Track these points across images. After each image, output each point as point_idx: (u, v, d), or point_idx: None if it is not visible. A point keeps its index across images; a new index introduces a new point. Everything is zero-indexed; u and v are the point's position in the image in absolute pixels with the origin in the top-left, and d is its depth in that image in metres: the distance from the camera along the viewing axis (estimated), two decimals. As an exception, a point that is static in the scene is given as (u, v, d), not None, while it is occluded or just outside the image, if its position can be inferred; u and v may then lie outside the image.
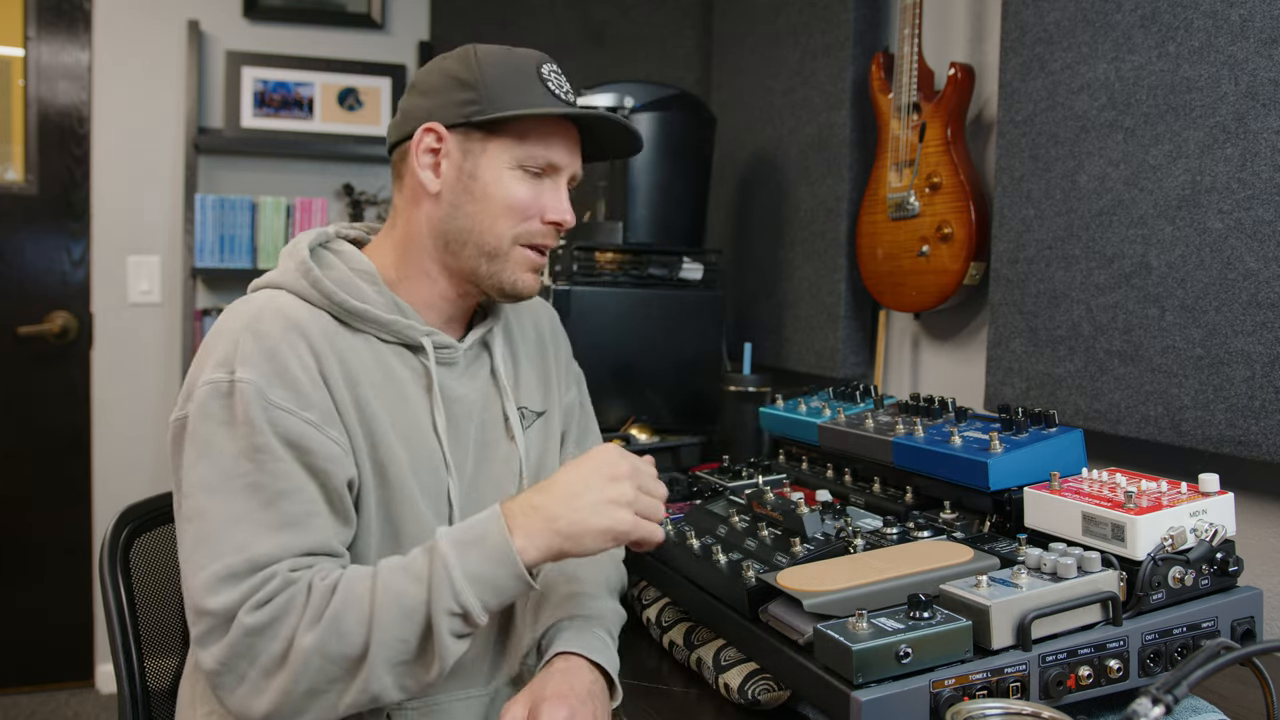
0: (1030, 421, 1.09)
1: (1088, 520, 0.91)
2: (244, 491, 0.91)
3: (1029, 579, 0.83)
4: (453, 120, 1.05)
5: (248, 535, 0.89)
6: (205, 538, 0.90)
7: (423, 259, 1.09)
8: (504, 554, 0.90)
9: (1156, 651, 0.85)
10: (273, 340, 0.96)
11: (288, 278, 1.04)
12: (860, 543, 0.99)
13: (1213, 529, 0.89)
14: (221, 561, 0.88)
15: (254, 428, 0.92)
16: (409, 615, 0.87)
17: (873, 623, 0.79)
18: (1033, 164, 1.47)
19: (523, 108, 1.05)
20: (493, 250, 1.07)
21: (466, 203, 1.07)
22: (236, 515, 0.90)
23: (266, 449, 0.92)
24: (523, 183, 1.07)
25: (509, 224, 1.07)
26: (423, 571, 0.89)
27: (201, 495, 0.91)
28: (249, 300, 1.02)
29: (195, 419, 0.93)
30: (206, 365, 0.96)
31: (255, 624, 0.86)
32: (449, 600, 0.87)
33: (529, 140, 1.06)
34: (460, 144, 1.06)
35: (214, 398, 0.93)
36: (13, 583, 2.79)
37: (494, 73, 1.06)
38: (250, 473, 0.91)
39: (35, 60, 2.76)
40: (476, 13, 2.94)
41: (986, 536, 1.01)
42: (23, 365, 2.78)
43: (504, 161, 1.06)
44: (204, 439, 0.92)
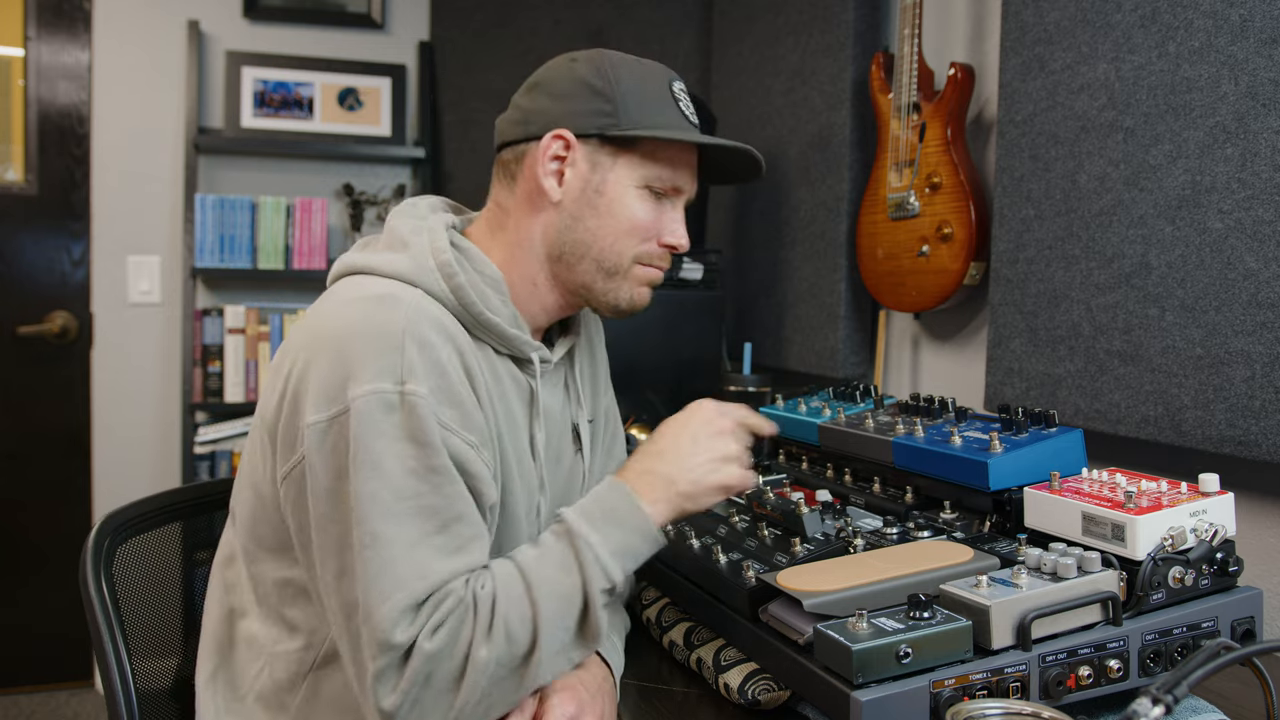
0: (1030, 421, 1.09)
1: (1088, 520, 0.91)
2: (420, 514, 0.87)
3: (1029, 579, 0.83)
4: (584, 130, 1.02)
5: (428, 562, 0.86)
6: (386, 565, 0.84)
7: (531, 266, 1.06)
8: (641, 524, 0.93)
9: (1156, 651, 0.85)
10: (438, 352, 0.90)
11: (426, 277, 0.96)
12: (860, 543, 0.99)
13: (1213, 529, 0.89)
14: (406, 591, 0.84)
15: (431, 447, 0.87)
16: (569, 602, 0.89)
17: (873, 623, 0.79)
18: (1033, 164, 1.47)
19: (656, 127, 1.03)
20: (612, 267, 1.05)
21: (589, 216, 1.04)
22: (414, 540, 0.86)
23: (442, 470, 0.88)
24: (646, 202, 1.05)
25: (631, 243, 1.05)
26: (568, 557, 0.90)
27: (378, 519, 0.85)
28: (394, 299, 0.92)
29: (361, 432, 0.86)
30: (363, 369, 0.88)
31: (434, 649, 0.83)
32: (601, 579, 0.90)
33: (658, 161, 1.04)
34: (589, 155, 1.03)
35: (383, 410, 0.86)
36: (12, 583, 2.79)
37: (629, 86, 1.03)
38: (425, 494, 0.87)
39: (35, 60, 2.76)
40: (476, 13, 2.94)
41: (986, 536, 1.01)
42: (23, 365, 2.78)
43: (632, 179, 1.04)
44: (375, 455, 0.86)
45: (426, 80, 2.99)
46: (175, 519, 1.27)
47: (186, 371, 2.74)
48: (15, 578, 2.79)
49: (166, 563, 1.25)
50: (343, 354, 0.89)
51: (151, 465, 2.86)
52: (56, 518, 2.80)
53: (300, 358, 0.92)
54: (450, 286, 0.97)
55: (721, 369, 2.08)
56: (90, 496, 2.83)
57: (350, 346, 0.89)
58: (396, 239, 1.00)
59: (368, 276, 0.98)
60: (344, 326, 0.90)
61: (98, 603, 1.10)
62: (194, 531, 1.33)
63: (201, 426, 2.77)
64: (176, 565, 1.28)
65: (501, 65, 2.93)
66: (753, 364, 2.02)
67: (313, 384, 0.89)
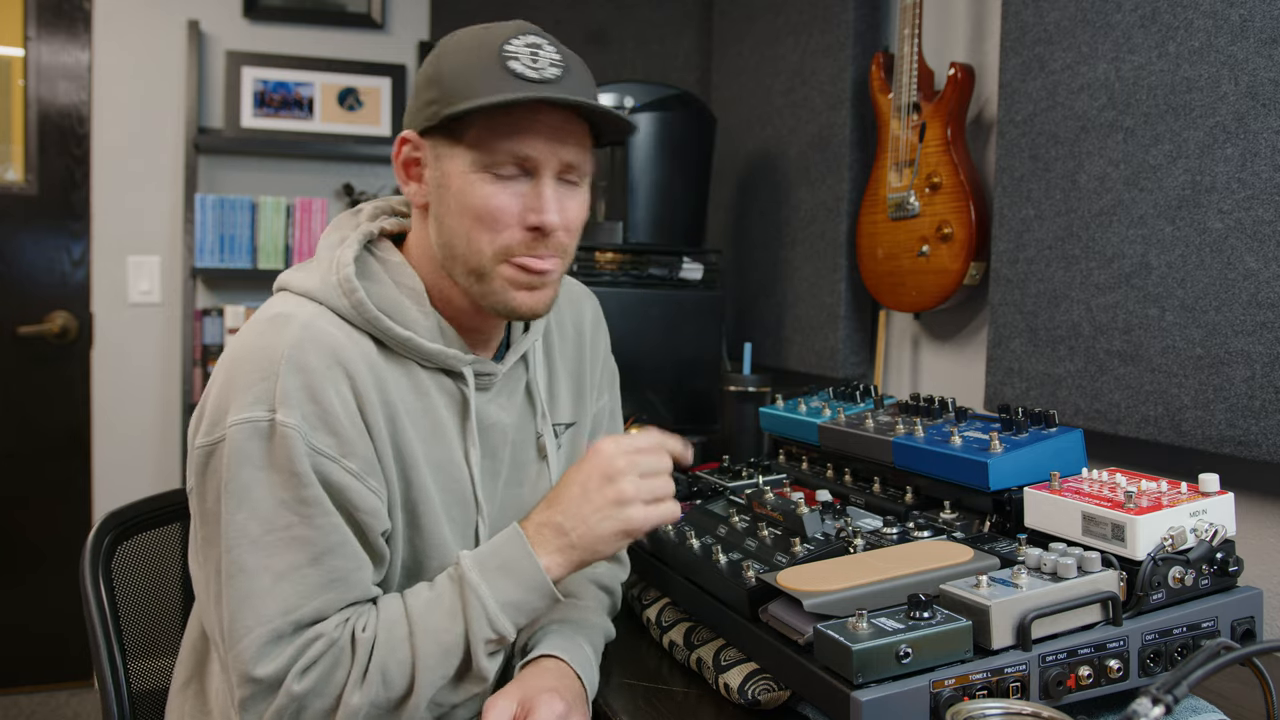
0: (1030, 421, 1.09)
1: (1088, 520, 0.91)
2: (289, 546, 0.85)
3: (1029, 579, 0.83)
4: (423, 124, 0.94)
5: (295, 595, 0.85)
6: (249, 597, 0.84)
7: (438, 274, 1.00)
8: (533, 578, 0.91)
9: (1156, 651, 0.85)
10: (316, 377, 0.87)
11: (330, 294, 0.94)
12: (860, 543, 0.99)
13: (1213, 529, 0.89)
14: (269, 626, 0.84)
15: (299, 479, 0.85)
16: (449, 651, 0.89)
17: (873, 623, 0.79)
18: (1033, 164, 1.47)
19: (475, 97, 0.89)
20: (476, 268, 0.95)
21: (445, 216, 0.95)
22: (281, 572, 0.85)
23: (313, 501, 0.86)
24: (491, 185, 0.92)
25: (484, 237, 0.93)
26: (456, 606, 0.90)
27: (244, 549, 0.85)
28: (286, 319, 0.90)
29: (231, 460, 0.85)
30: (240, 395, 0.87)
31: (304, 690, 0.84)
32: (486, 630, 0.89)
33: (495, 136, 0.91)
34: (433, 149, 0.95)
35: (252, 438, 0.85)
36: (12, 582, 2.79)
37: (454, 62, 0.92)
38: (295, 525, 0.86)
39: (35, 60, 2.76)
40: (476, 13, 2.94)
41: (986, 536, 1.01)
42: (23, 365, 2.78)
43: (468, 164, 0.92)
44: (243, 485, 0.85)
45: (426, 80, 2.98)
46: (176, 519, 1.27)
47: (186, 371, 2.74)
48: (15, 577, 2.79)
49: (167, 563, 1.25)
50: (230, 378, 0.89)
51: (151, 465, 2.86)
52: (56, 518, 2.80)
53: (213, 378, 0.93)
54: (351, 303, 0.93)
55: (721, 369, 2.08)
56: (90, 496, 2.83)
57: (235, 371, 0.89)
58: (320, 249, 0.99)
59: (286, 293, 0.97)
60: (237, 350, 0.91)
61: (94, 602, 1.10)
62: (194, 532, 1.33)
63: (201, 426, 2.76)
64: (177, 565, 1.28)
65: (501, 65, 2.92)
66: (753, 364, 2.02)
67: (207, 407, 0.90)
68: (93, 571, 1.12)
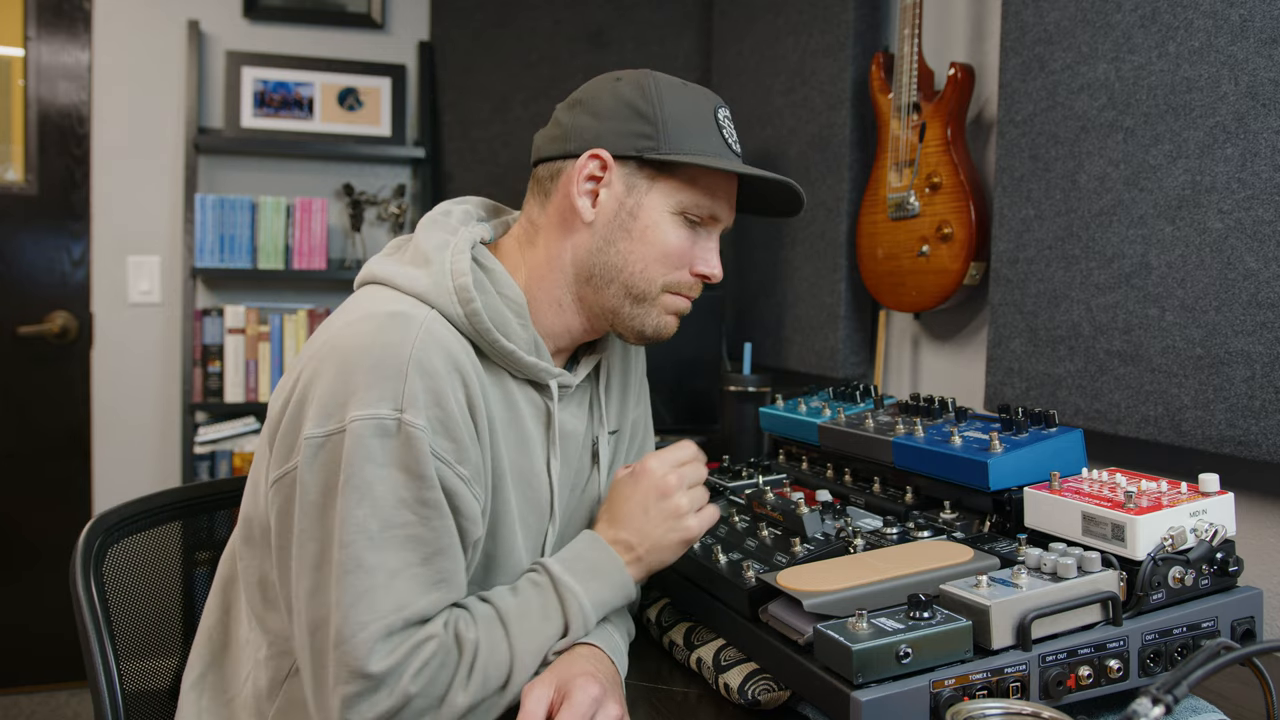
0: (1030, 421, 1.09)
1: (1088, 520, 0.91)
2: (405, 544, 0.86)
3: (1029, 579, 0.83)
4: (623, 151, 1.00)
5: (408, 593, 0.86)
6: (365, 593, 0.84)
7: (558, 286, 1.04)
8: (621, 579, 0.99)
9: (1156, 651, 0.85)
10: (440, 381, 0.89)
11: (443, 298, 0.94)
12: (860, 543, 0.99)
13: (1213, 529, 0.89)
14: (383, 622, 0.84)
15: (424, 481, 0.87)
16: (543, 650, 0.93)
17: (873, 623, 0.79)
18: (1033, 164, 1.47)
19: (698, 154, 1.00)
20: (641, 293, 1.03)
21: (621, 239, 1.01)
22: (395, 570, 0.86)
23: (433, 504, 0.88)
24: (681, 229, 1.02)
25: (661, 270, 1.02)
26: (553, 607, 0.95)
27: (362, 545, 0.85)
28: (407, 319, 0.91)
29: (354, 455, 0.85)
30: (363, 391, 0.86)
31: (417, 690, 0.84)
32: (582, 630, 0.95)
33: (697, 188, 1.02)
34: (626, 177, 1.01)
35: (377, 435, 0.86)
36: (12, 582, 2.79)
37: (673, 110, 1.01)
38: (412, 524, 0.87)
39: (35, 60, 2.76)
40: (476, 13, 2.94)
41: (986, 536, 1.02)
42: (23, 365, 2.78)
43: (668, 205, 1.01)
44: (365, 481, 0.85)
45: (426, 80, 2.99)
46: (171, 519, 1.27)
47: (186, 371, 2.74)
48: (15, 577, 2.79)
49: (162, 563, 1.25)
50: (347, 371, 0.88)
51: (151, 465, 2.86)
52: (56, 518, 2.80)
53: (310, 367, 0.91)
54: (466, 312, 0.95)
55: (721, 369, 2.08)
56: (90, 496, 2.83)
57: (355, 364, 0.87)
58: (420, 254, 0.98)
59: (387, 289, 0.97)
60: (353, 342, 0.89)
61: (85, 604, 1.08)
62: (194, 532, 1.33)
63: (201, 426, 2.77)
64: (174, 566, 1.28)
65: (501, 65, 2.93)
66: (753, 364, 2.02)
67: (316, 396, 0.88)
68: (84, 573, 1.09)
